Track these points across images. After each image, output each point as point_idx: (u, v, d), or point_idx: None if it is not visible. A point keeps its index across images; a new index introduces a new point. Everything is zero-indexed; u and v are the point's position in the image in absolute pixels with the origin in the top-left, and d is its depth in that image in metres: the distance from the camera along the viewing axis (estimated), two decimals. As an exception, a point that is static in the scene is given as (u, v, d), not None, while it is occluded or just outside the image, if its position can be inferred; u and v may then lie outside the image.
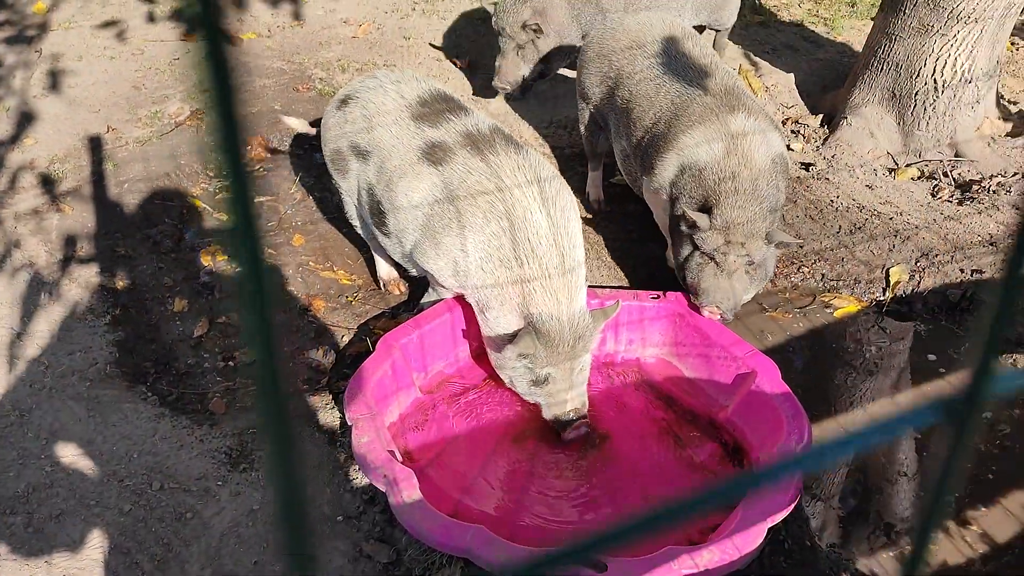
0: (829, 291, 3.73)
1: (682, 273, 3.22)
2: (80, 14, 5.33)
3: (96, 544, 2.46)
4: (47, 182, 3.90)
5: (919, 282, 3.72)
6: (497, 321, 2.91)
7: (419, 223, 2.98)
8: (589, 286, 3.48)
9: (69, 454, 2.72)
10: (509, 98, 4.78)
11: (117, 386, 3.00)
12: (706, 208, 3.09)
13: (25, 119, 4.33)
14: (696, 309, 3.19)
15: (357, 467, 2.74)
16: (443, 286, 3.10)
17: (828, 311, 3.64)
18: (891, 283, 3.72)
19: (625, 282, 3.73)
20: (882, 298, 3.69)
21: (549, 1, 4.34)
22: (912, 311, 3.66)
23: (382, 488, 2.49)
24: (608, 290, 3.33)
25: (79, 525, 2.51)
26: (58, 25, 5.19)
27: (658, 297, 3.26)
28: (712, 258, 3.08)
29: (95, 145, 4.18)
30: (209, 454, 2.76)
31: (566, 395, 2.91)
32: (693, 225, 3.06)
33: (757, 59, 5.11)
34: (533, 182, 2.86)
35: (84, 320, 3.25)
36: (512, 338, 2.85)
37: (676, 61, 3.45)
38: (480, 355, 3.28)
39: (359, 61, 5.01)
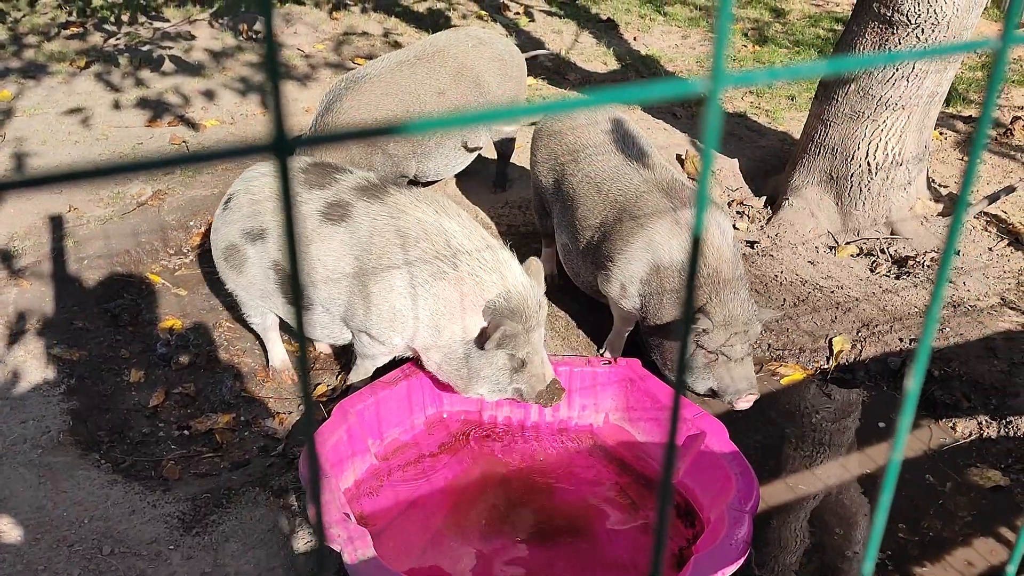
0: (775, 360, 3.85)
1: (689, 379, 3.31)
2: (46, 102, 5.45)
3: (42, 609, 2.42)
4: (5, 258, 3.93)
5: (861, 351, 3.86)
6: (461, 330, 2.96)
7: (346, 282, 3.04)
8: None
9: (18, 520, 2.69)
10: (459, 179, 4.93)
11: (70, 454, 2.99)
12: (696, 307, 3.23)
13: (-14, 199, 4.38)
14: (728, 402, 3.28)
15: (311, 529, 2.73)
16: (380, 342, 3.12)
17: (775, 379, 3.75)
18: (834, 352, 3.85)
19: (578, 351, 3.81)
20: (826, 366, 3.82)
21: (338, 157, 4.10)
22: (855, 378, 3.79)
23: (336, 547, 2.49)
24: (561, 357, 3.41)
25: (25, 590, 2.47)
26: (23, 112, 5.30)
27: (609, 363, 3.35)
28: (720, 353, 3.19)
29: (56, 223, 4.24)
30: (161, 519, 2.74)
31: (542, 368, 3.01)
32: (702, 332, 3.17)
33: (703, 146, 5.36)
34: (426, 201, 3.01)
35: (38, 390, 3.25)
36: (482, 340, 2.90)
37: (622, 150, 3.60)
38: (435, 422, 3.32)
39: (320, 146, 5.16)
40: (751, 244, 4.53)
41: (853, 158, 4.52)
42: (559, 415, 3.37)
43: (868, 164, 4.50)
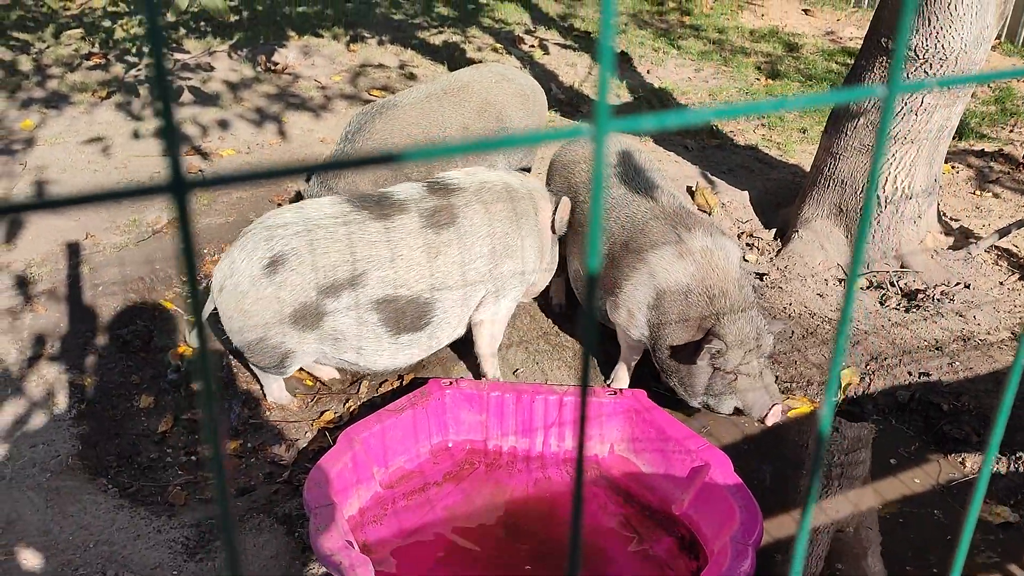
0: (783, 392, 3.84)
1: (712, 401, 3.37)
2: (67, 131, 5.56)
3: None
4: (22, 283, 4.00)
5: (869, 384, 3.85)
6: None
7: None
8: (548, 384, 3.58)
9: (25, 543, 2.72)
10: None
11: (78, 478, 3.02)
12: (706, 329, 3.26)
13: (6, 226, 4.46)
14: (759, 420, 3.32)
15: (314, 556, 2.74)
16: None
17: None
18: (843, 385, 3.84)
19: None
20: (835, 399, 3.80)
21: (356, 186, 4.15)
22: (863, 412, 3.77)
23: (336, 573, 2.50)
24: (566, 387, 3.42)
25: (29, 613, 2.49)
26: (45, 141, 5.40)
27: (615, 394, 3.36)
28: (739, 372, 3.24)
29: (72, 250, 4.31)
30: (166, 544, 2.76)
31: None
32: (717, 354, 3.22)
33: (714, 178, 5.39)
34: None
35: (49, 414, 3.29)
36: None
37: (628, 181, 3.66)
38: (440, 451, 3.34)
39: (334, 176, 5.24)
40: (760, 276, 4.54)
41: (862, 191, 4.53)
42: (564, 445, 3.38)
43: (878, 198, 4.51)
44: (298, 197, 4.98)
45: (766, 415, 3.27)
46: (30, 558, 2.67)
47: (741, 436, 3.59)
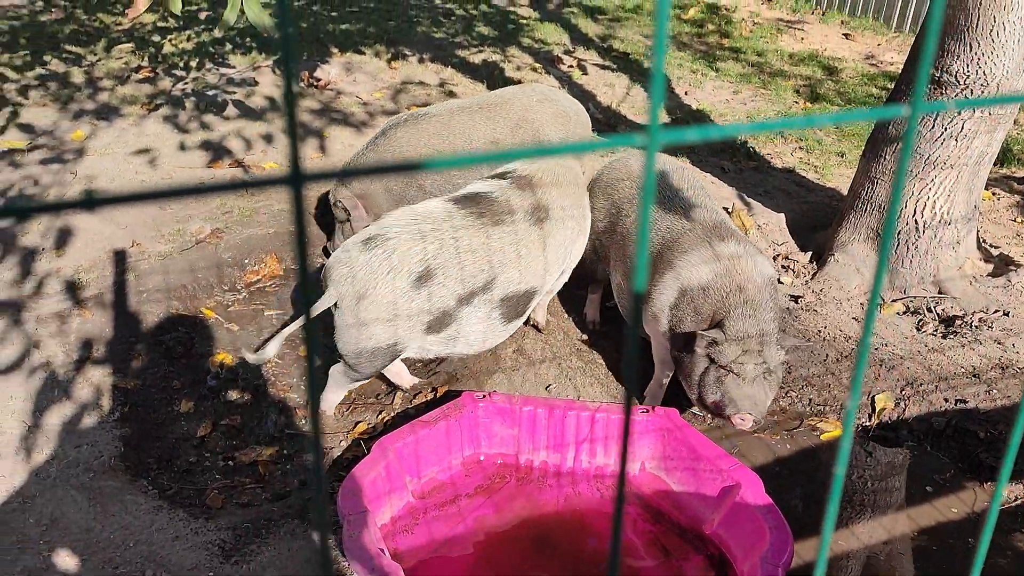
0: (816, 415, 3.83)
1: (699, 392, 3.37)
2: (116, 142, 5.71)
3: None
4: (71, 288, 4.12)
5: (904, 409, 3.82)
6: None
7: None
8: (579, 400, 3.61)
9: (67, 541, 2.79)
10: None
11: (119, 479, 3.09)
12: (716, 323, 3.29)
13: (56, 233, 4.59)
14: (727, 417, 3.30)
15: (346, 563, 2.78)
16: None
17: (815, 434, 3.73)
18: (877, 410, 3.82)
19: (617, 399, 3.84)
20: (868, 423, 3.78)
21: (369, 187, 4.38)
22: (898, 437, 3.75)
23: (369, 581, 2.54)
24: (598, 404, 3.44)
25: (70, 608, 2.56)
26: (94, 151, 5.56)
27: (647, 411, 3.38)
28: (730, 370, 3.24)
29: (119, 257, 4.42)
30: (203, 546, 2.82)
31: None
32: (712, 343, 3.24)
33: (750, 200, 5.39)
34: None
35: (94, 416, 3.38)
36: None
37: (670, 199, 3.71)
38: (472, 464, 3.37)
39: (373, 190, 5.33)
40: (795, 299, 4.53)
41: (900, 216, 4.52)
42: (595, 461, 3.40)
43: (916, 222, 4.49)
44: (321, 203, 5.07)
45: (735, 415, 3.24)
46: (72, 555, 2.75)
47: (773, 458, 3.58)
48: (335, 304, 3.25)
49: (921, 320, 4.36)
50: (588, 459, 3.39)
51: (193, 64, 7.17)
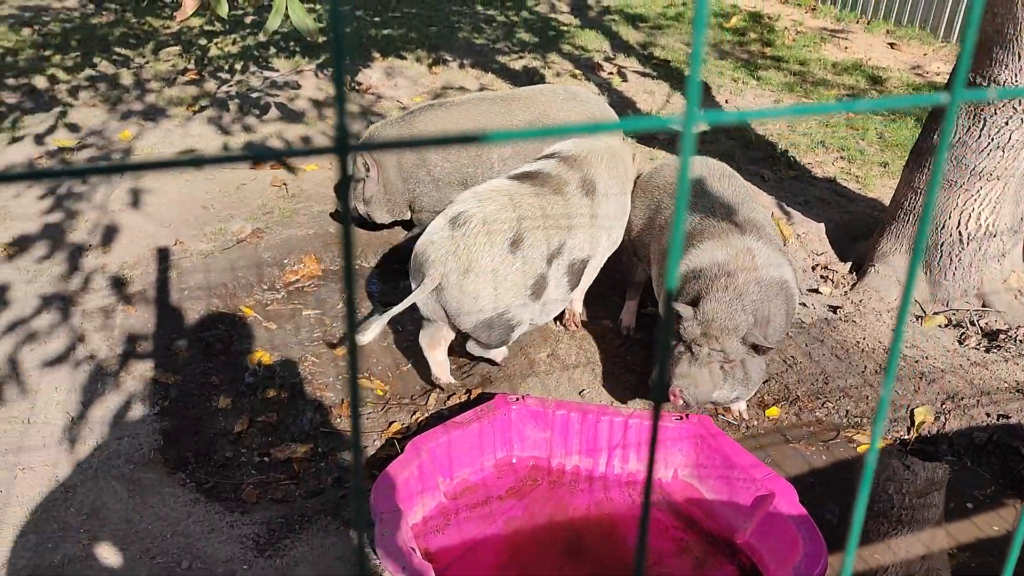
0: (853, 427, 3.78)
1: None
2: (162, 143, 5.82)
3: (122, 615, 2.55)
4: (116, 284, 4.20)
5: (944, 423, 3.76)
6: None
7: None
8: (613, 405, 3.61)
9: (106, 530, 2.85)
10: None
11: (158, 471, 3.15)
12: (695, 302, 3.32)
13: (103, 230, 4.70)
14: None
15: (378, 561, 2.81)
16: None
17: (851, 446, 3.68)
18: (916, 423, 3.76)
19: (652, 405, 3.83)
20: (906, 437, 3.73)
21: (386, 159, 4.55)
22: (937, 451, 3.69)
23: (400, 579, 2.56)
24: (633, 410, 3.44)
25: (108, 596, 2.61)
26: (141, 151, 5.67)
27: (681, 419, 3.36)
28: (689, 348, 3.27)
29: (163, 255, 4.51)
30: (238, 539, 2.86)
31: None
32: (678, 316, 3.30)
33: (790, 209, 5.35)
34: None
35: (135, 409, 3.45)
36: None
37: (706, 195, 3.72)
38: (504, 466, 3.38)
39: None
40: (833, 309, 4.48)
41: (944, 227, 4.45)
42: (628, 467, 3.39)
43: (960, 234, 4.42)
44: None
45: (672, 389, 3.24)
46: (111, 544, 2.80)
47: (808, 468, 3.54)
48: (438, 286, 3.43)
49: (964, 333, 4.29)
50: (620, 465, 3.39)
51: (238, 67, 7.29)
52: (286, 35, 8.14)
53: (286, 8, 4.69)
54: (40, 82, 6.75)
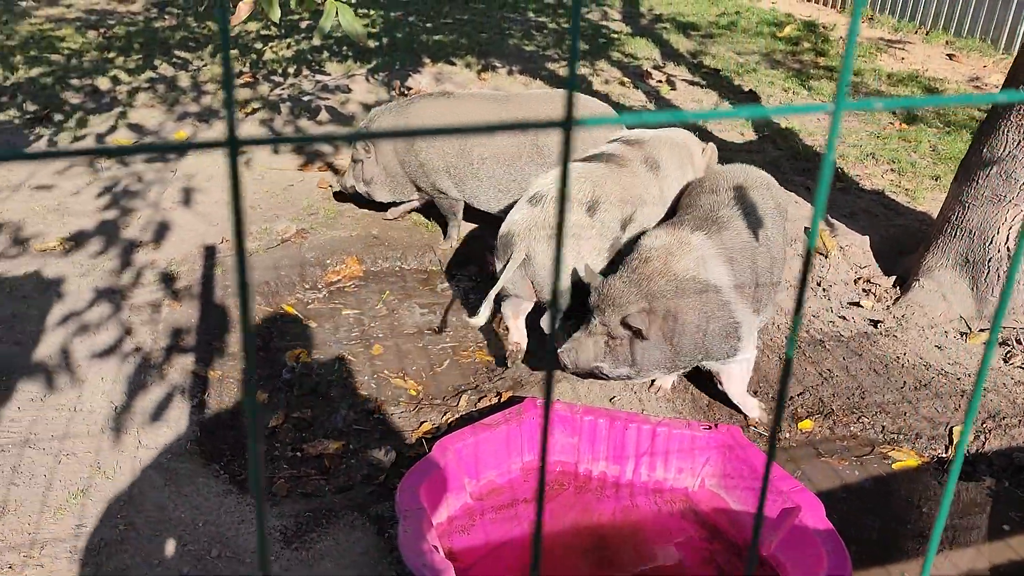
0: (889, 443, 3.72)
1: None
2: (215, 143, 5.97)
3: (152, 599, 2.64)
4: (164, 280, 4.34)
5: (984, 443, 3.68)
6: None
7: None
8: (642, 413, 3.61)
9: (142, 516, 2.95)
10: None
11: (194, 462, 3.25)
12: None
13: (155, 227, 4.85)
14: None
15: (400, 558, 2.85)
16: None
17: (886, 463, 3.63)
18: (954, 441, 3.69)
19: (682, 415, 3.82)
20: (944, 455, 3.66)
21: (383, 144, 4.82)
22: (976, 471, 3.61)
23: (418, 575, 2.60)
24: (660, 418, 3.43)
25: (140, 580, 2.70)
26: (194, 152, 5.82)
27: (710, 428, 3.35)
28: (589, 314, 3.43)
29: (209, 253, 4.63)
30: (266, 530, 2.93)
31: None
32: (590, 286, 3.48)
33: (834, 221, 5.29)
34: None
35: (175, 401, 3.55)
36: None
37: (712, 195, 3.79)
38: (532, 469, 3.41)
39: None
40: (874, 323, 4.41)
41: (992, 243, 4.36)
42: (655, 475, 3.39)
43: (1008, 250, 4.32)
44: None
45: (559, 350, 3.41)
46: (146, 530, 2.90)
47: (840, 483, 3.50)
48: (526, 259, 3.72)
49: (1009, 352, 4.19)
50: (647, 472, 3.39)
51: (291, 71, 7.45)
52: (339, 40, 8.30)
53: (336, 13, 4.80)
54: (103, 83, 6.99)
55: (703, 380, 3.98)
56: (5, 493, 3.02)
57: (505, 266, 3.72)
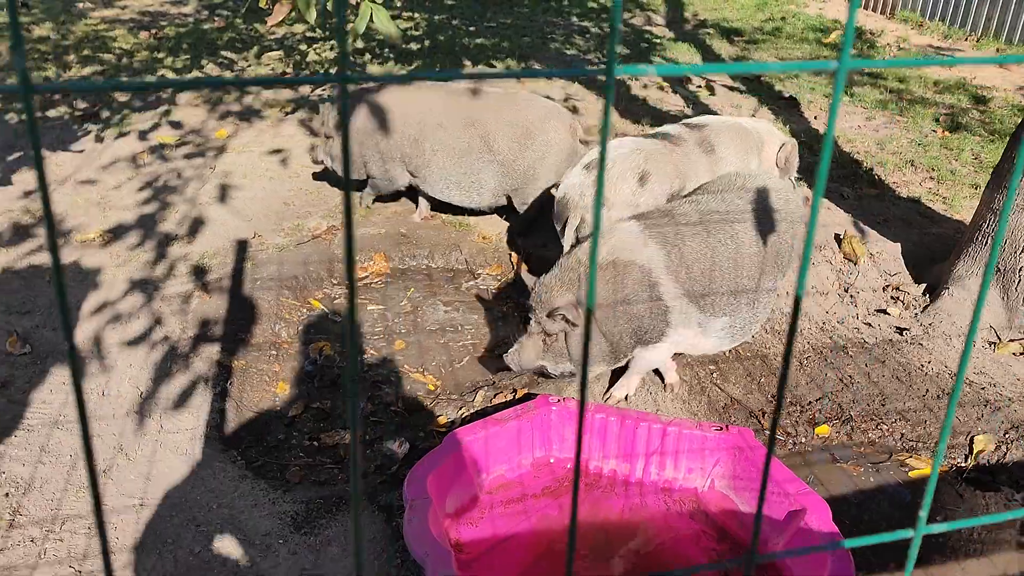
0: (907, 451, 3.68)
1: None
2: (254, 142, 6.13)
3: (163, 576, 2.73)
4: (197, 272, 4.46)
5: (1005, 453, 3.62)
6: None
7: None
8: (653, 413, 3.62)
9: (159, 496, 3.05)
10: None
11: (213, 447, 3.34)
12: None
13: (190, 222, 4.99)
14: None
15: (405, 545, 2.91)
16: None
17: (903, 470, 3.58)
18: (974, 451, 3.63)
19: (698, 416, 3.82)
20: (963, 464, 3.60)
21: (354, 124, 4.98)
22: (995, 481, 3.55)
23: (420, 562, 2.65)
24: (671, 418, 3.44)
25: (152, 557, 2.80)
26: (234, 149, 5.98)
27: (721, 429, 3.35)
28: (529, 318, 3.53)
29: (241, 247, 4.76)
30: (277, 515, 3.02)
31: None
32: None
33: (866, 227, 5.22)
34: None
35: (199, 389, 3.66)
36: None
37: (699, 193, 3.86)
38: (542, 465, 3.44)
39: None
40: (900, 331, 4.36)
41: (1023, 251, 4.28)
42: (664, 474, 3.40)
43: (1039, 259, 4.24)
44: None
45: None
46: (163, 510, 3.00)
47: (853, 489, 3.47)
48: (581, 221, 3.98)
49: (1038, 362, 4.11)
50: (657, 471, 3.40)
51: (332, 72, 7.59)
52: (381, 43, 8.43)
53: (371, 14, 4.89)
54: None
55: (720, 382, 3.98)
56: (32, 471, 3.15)
57: (564, 228, 4.07)
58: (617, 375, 3.87)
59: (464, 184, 4.90)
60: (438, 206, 5.27)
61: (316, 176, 5.59)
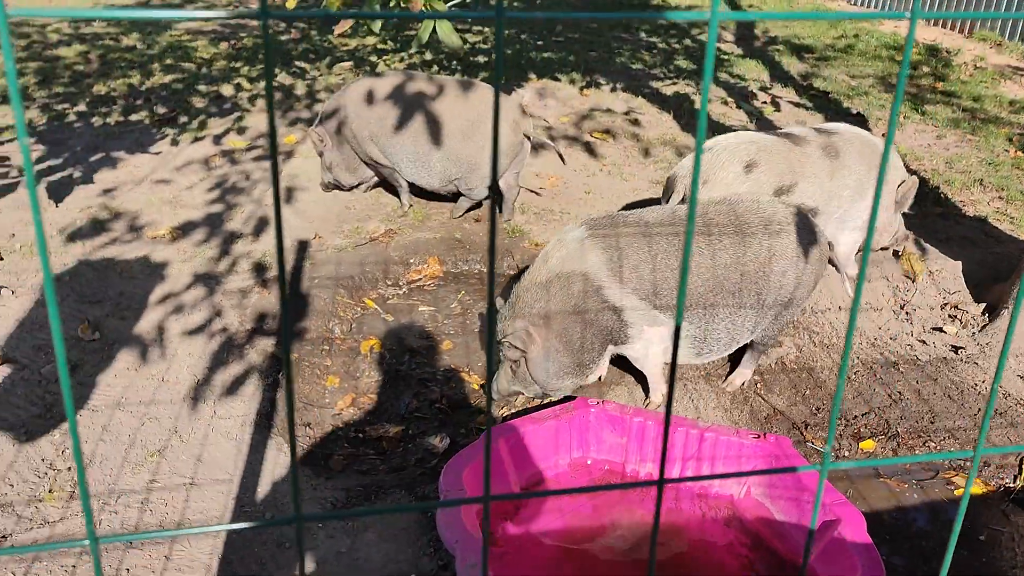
0: (954, 469, 3.60)
1: None
2: (321, 147, 6.32)
3: (207, 550, 2.86)
4: (256, 269, 4.64)
5: (1056, 476, 3.52)
6: None
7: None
8: (691, 418, 3.62)
9: (208, 477, 3.19)
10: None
11: (262, 434, 3.48)
12: None
13: (255, 221, 5.19)
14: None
15: (438, 535, 2.98)
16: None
17: (949, 488, 3.52)
18: (1023, 472, 3.54)
19: (739, 425, 3.81)
20: (1012, 485, 3.51)
21: (329, 126, 5.29)
22: (1041, 503, 3.45)
23: (450, 549, 2.72)
24: (709, 424, 3.45)
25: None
26: (300, 155, 6.19)
27: (758, 437, 3.34)
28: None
29: (302, 246, 4.93)
30: (318, 500, 3.12)
31: None
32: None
33: (927, 245, 5.13)
34: None
35: (253, 378, 3.81)
36: None
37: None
38: (579, 466, 3.48)
39: (539, 206, 5.58)
40: (955, 349, 4.27)
41: (1087, 271, 4.15)
42: (701, 480, 3.40)
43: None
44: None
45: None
46: (210, 489, 3.14)
47: (894, 504, 3.42)
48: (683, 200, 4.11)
49: (1100, 386, 3.98)
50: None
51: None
52: (448, 55, 8.60)
53: (435, 25, 5.04)
54: (227, 90, 7.50)
55: (764, 393, 3.96)
56: (93, 448, 3.32)
57: (668, 202, 4.19)
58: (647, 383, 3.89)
59: (419, 164, 5.16)
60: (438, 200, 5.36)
61: (326, 187, 5.74)
